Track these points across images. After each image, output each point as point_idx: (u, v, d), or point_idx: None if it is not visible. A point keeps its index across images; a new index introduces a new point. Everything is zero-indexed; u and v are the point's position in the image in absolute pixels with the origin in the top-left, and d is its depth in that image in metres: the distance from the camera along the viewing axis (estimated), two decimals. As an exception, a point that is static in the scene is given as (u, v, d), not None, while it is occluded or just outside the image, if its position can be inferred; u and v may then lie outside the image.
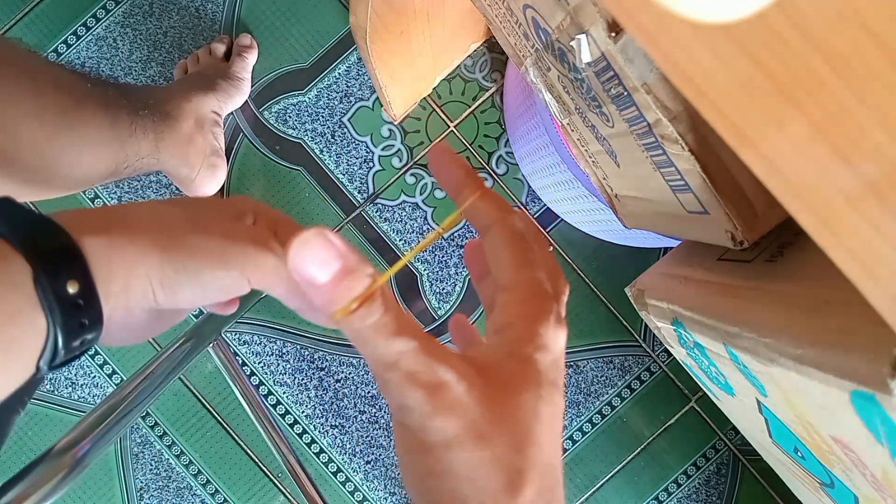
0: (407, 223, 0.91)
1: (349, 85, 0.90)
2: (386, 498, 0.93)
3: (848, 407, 0.24)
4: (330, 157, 0.90)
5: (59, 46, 0.90)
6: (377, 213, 0.91)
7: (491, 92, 0.90)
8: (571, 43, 0.30)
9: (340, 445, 0.92)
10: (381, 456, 0.92)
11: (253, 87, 0.90)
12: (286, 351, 0.92)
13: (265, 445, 0.72)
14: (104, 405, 0.48)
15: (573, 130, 0.46)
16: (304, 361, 0.92)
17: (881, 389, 0.21)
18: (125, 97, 0.63)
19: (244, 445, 0.92)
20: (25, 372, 0.20)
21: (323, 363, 0.92)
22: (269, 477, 0.92)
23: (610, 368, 0.92)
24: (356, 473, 0.92)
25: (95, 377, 0.92)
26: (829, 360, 0.24)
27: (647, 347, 0.92)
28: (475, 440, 0.19)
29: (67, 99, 0.53)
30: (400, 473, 0.68)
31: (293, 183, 0.90)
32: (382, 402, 0.92)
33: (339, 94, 0.90)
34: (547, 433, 0.21)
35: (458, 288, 0.91)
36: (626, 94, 0.30)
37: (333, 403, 0.92)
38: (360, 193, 0.91)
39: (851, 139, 0.16)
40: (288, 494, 0.92)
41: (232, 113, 0.89)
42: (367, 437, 0.92)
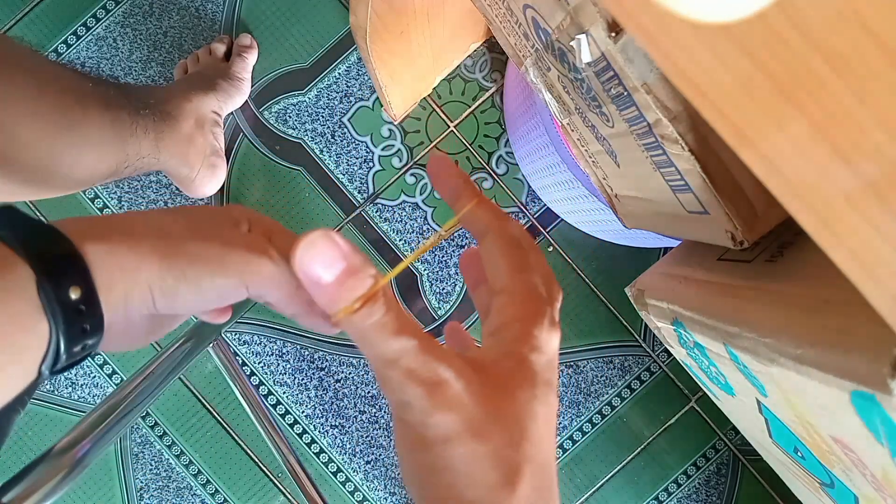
0: (407, 223, 0.91)
1: (349, 85, 0.90)
2: (386, 498, 0.93)
3: (848, 407, 0.24)
4: (330, 157, 0.90)
5: (59, 46, 0.90)
6: (377, 213, 0.91)
7: (491, 92, 0.90)
8: (571, 43, 0.30)
9: (340, 445, 0.92)
10: (381, 456, 0.92)
11: (253, 87, 0.90)
12: (286, 351, 0.92)
13: (265, 445, 0.72)
14: (104, 405, 0.48)
15: (573, 130, 0.46)
16: (304, 361, 0.92)
17: (881, 389, 0.21)
18: (126, 97, 0.63)
19: (244, 445, 0.92)
20: (27, 376, 0.21)
21: (323, 363, 0.92)
22: (269, 477, 0.92)
23: (610, 368, 0.92)
24: (356, 473, 0.92)
25: (95, 377, 0.92)
26: (829, 360, 0.24)
27: (647, 347, 0.92)
28: (473, 436, 0.20)
29: (69, 98, 0.53)
30: (400, 472, 0.68)
31: (293, 183, 0.90)
32: (382, 402, 0.92)
33: (339, 94, 0.90)
34: (542, 430, 0.22)
35: (457, 288, 0.91)
36: (626, 94, 0.30)
37: (333, 403, 0.92)
38: (360, 193, 0.91)
39: (851, 139, 0.16)
40: (288, 494, 0.92)
41: (232, 113, 0.89)
42: (367, 437, 0.92)
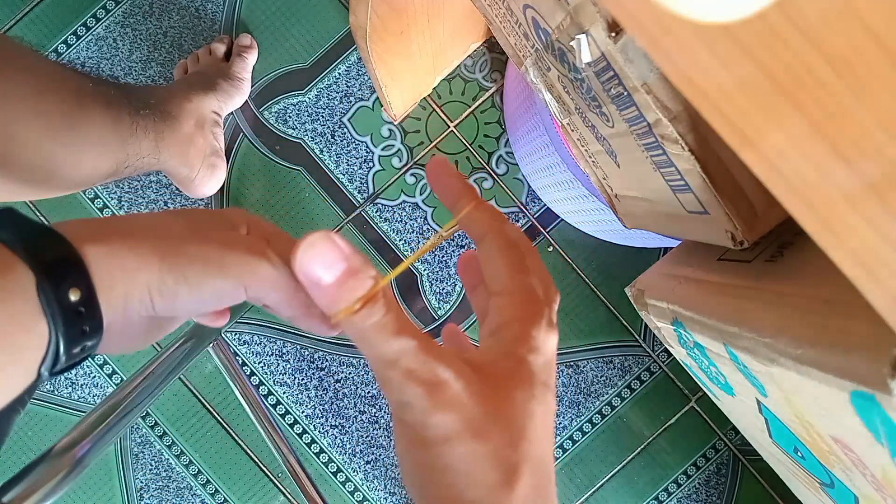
0: (407, 223, 0.91)
1: (349, 85, 0.90)
2: (386, 498, 0.93)
3: (848, 407, 0.24)
4: (330, 157, 0.90)
5: (59, 46, 0.90)
6: (377, 213, 0.91)
7: (491, 92, 0.90)
8: (571, 43, 0.30)
9: (340, 445, 0.92)
10: (381, 456, 0.92)
11: (253, 87, 0.90)
12: (286, 351, 0.92)
13: (265, 445, 0.72)
14: (104, 405, 0.48)
15: (573, 130, 0.46)
16: (304, 361, 0.92)
17: (881, 389, 0.21)
18: (126, 97, 0.63)
19: (244, 445, 0.92)
20: (27, 377, 0.21)
21: (323, 363, 0.92)
22: (269, 477, 0.92)
23: (610, 368, 0.92)
24: (356, 473, 0.92)
25: (95, 377, 0.92)
26: (829, 360, 0.24)
27: (647, 347, 0.92)
28: (472, 435, 0.20)
29: (69, 98, 0.53)
30: (400, 472, 0.68)
31: (293, 183, 0.90)
32: (382, 402, 0.92)
33: (339, 94, 0.90)
34: (540, 430, 0.22)
35: (457, 288, 0.91)
36: (626, 94, 0.30)
37: (333, 403, 0.92)
38: (360, 193, 0.91)
39: (851, 139, 0.16)
40: (288, 494, 0.92)
41: (232, 113, 0.89)
42: (367, 437, 0.92)
